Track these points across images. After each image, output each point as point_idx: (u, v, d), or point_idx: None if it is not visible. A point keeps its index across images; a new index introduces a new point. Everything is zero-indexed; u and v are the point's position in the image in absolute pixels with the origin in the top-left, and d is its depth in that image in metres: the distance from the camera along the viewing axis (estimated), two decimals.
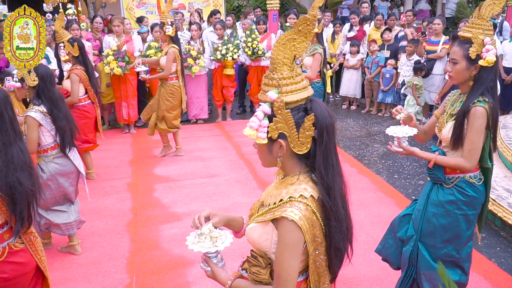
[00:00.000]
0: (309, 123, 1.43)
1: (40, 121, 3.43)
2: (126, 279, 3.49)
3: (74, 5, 8.81)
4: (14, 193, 1.99)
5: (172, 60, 5.65)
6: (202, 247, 1.58)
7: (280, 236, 1.46)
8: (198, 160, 6.07)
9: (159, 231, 4.21)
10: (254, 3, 12.77)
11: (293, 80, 1.43)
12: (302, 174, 1.51)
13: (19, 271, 2.08)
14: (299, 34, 1.41)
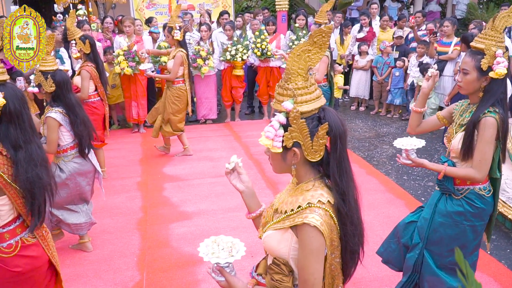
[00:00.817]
0: (323, 132, 1.46)
1: (60, 121, 3.47)
2: (136, 276, 3.53)
3: (85, 6, 8.91)
4: (33, 188, 2.03)
5: (179, 64, 5.71)
6: (218, 258, 1.57)
7: (303, 242, 1.48)
8: (207, 160, 6.10)
9: (169, 230, 4.24)
10: (262, 4, 12.81)
11: (307, 90, 1.47)
12: (317, 180, 1.55)
13: (32, 265, 2.11)
14: (314, 45, 1.44)
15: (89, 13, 8.89)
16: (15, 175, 1.99)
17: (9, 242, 2.05)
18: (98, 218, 4.43)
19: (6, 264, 2.03)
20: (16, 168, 1.99)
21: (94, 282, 3.46)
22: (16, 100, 2.02)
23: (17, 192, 2.01)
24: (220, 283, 1.62)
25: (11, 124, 2.00)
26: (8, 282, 2.05)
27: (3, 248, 2.03)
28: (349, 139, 7.00)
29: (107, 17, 8.18)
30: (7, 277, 2.04)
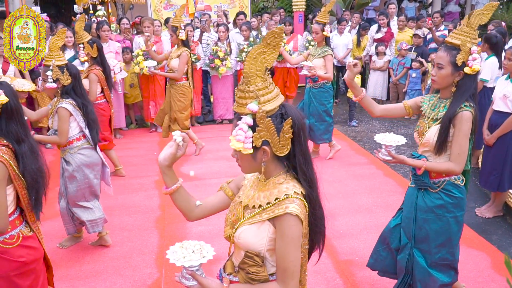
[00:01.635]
0: (288, 126, 1.54)
1: (71, 111, 3.55)
2: (155, 274, 3.57)
3: (104, 7, 9.02)
4: (38, 179, 2.14)
5: (185, 63, 5.79)
6: (191, 260, 1.57)
7: (283, 231, 1.54)
8: (223, 159, 6.13)
9: (187, 228, 4.28)
10: (279, 4, 12.81)
11: (268, 90, 1.53)
12: (286, 173, 1.63)
13: (33, 255, 2.19)
14: (268, 47, 1.51)
15: (109, 14, 9.01)
16: (23, 168, 2.08)
17: (11, 233, 2.12)
18: (117, 215, 4.51)
19: (11, 255, 2.09)
20: (23, 161, 2.09)
21: (114, 278, 3.51)
22: (14, 97, 2.12)
23: (22, 183, 2.10)
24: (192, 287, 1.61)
25: (12, 120, 2.10)
26: (14, 275, 2.11)
27: (6, 240, 2.10)
28: (366, 140, 6.97)
29: (123, 18, 8.26)
30: (12, 269, 2.10)
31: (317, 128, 5.82)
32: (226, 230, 1.73)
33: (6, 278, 2.08)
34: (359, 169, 5.74)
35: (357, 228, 4.22)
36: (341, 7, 12.22)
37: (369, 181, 5.36)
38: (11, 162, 2.04)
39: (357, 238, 4.06)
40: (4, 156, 2.01)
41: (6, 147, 2.06)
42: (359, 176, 5.50)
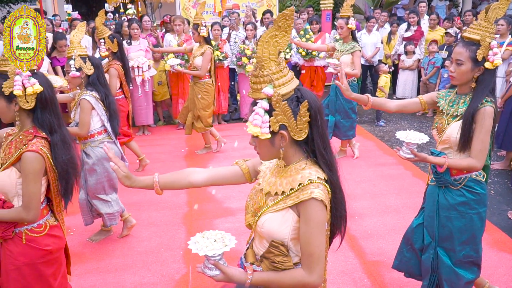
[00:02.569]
0: (304, 109, 1.52)
1: (93, 105, 3.61)
2: (182, 269, 3.61)
3: (134, 6, 9.16)
4: (68, 169, 2.17)
5: (209, 61, 5.83)
6: (214, 249, 1.55)
7: (308, 216, 1.54)
8: (250, 157, 6.09)
9: (214, 225, 4.31)
10: (307, 3, 12.75)
11: (282, 74, 1.52)
12: (307, 159, 1.62)
13: (58, 244, 2.24)
14: (280, 30, 1.49)
15: (138, 12, 9.15)
16: (55, 158, 2.12)
17: (39, 223, 2.18)
18: (145, 211, 4.58)
19: (38, 243, 2.15)
20: (54, 151, 2.12)
21: (143, 272, 3.57)
22: (48, 87, 2.16)
23: (55, 174, 2.15)
24: (215, 277, 1.60)
25: (46, 110, 2.13)
26: (39, 263, 2.16)
27: (34, 228, 2.16)
28: (394, 140, 6.87)
29: (144, 16, 8.35)
30: (38, 256, 2.15)
31: (342, 125, 5.78)
32: (247, 218, 1.72)
33: (32, 265, 2.14)
34: (387, 170, 5.67)
35: (385, 229, 4.17)
36: (370, 5, 12.07)
37: (398, 181, 5.29)
38: (48, 155, 2.08)
39: (385, 239, 4.01)
40: (43, 149, 2.06)
41: (45, 139, 2.11)
42: (387, 177, 5.43)
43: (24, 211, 2.07)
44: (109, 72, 4.97)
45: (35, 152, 2.03)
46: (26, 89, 2.04)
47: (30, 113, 2.12)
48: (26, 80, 2.06)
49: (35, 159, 2.04)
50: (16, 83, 2.05)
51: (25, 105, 2.07)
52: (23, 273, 2.14)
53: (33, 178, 2.05)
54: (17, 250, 2.13)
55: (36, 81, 2.08)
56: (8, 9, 12.69)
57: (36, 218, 2.11)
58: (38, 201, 2.09)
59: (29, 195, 2.05)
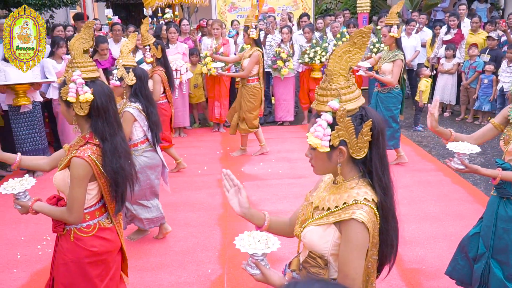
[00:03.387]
0: (367, 128, 1.51)
1: (136, 117, 3.70)
2: (218, 270, 3.64)
3: (172, 10, 9.33)
4: (117, 177, 2.20)
5: (255, 62, 5.84)
6: (255, 249, 1.59)
7: (348, 237, 1.52)
8: (284, 160, 6.14)
9: (249, 227, 4.28)
10: (343, 6, 12.65)
11: (350, 90, 1.52)
12: (359, 179, 1.59)
13: (106, 247, 2.26)
14: (354, 46, 1.50)
15: (175, 16, 9.31)
16: (104, 165, 2.16)
17: (88, 223, 2.22)
18: (181, 211, 4.64)
19: (84, 243, 2.19)
20: (103, 159, 2.16)
21: (179, 272, 3.61)
22: (103, 96, 2.17)
23: (106, 180, 2.19)
24: (255, 276, 1.63)
25: (99, 118, 2.16)
26: (83, 264, 2.21)
27: (82, 228, 2.20)
28: (433, 146, 6.72)
29: (182, 19, 8.48)
30: (83, 256, 2.20)
31: None
32: (296, 229, 1.74)
33: (78, 263, 2.20)
34: (426, 176, 5.54)
35: (423, 236, 4.08)
36: (408, 8, 11.87)
37: (436, 188, 5.16)
38: (97, 162, 2.12)
39: (424, 246, 3.92)
40: (91, 156, 2.10)
41: (97, 146, 2.15)
42: (426, 183, 5.30)
43: (67, 212, 2.13)
44: (153, 78, 5.08)
45: (81, 159, 2.09)
46: (79, 97, 2.09)
47: (88, 119, 2.17)
48: (80, 88, 2.08)
49: (81, 165, 2.09)
50: (70, 90, 2.08)
51: (79, 112, 2.12)
52: (70, 269, 2.21)
53: (77, 183, 2.10)
54: (66, 246, 2.20)
55: (88, 90, 2.10)
56: (50, 13, 13.13)
57: (77, 221, 2.16)
58: (80, 205, 2.13)
59: (72, 198, 2.11)
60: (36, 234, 4.24)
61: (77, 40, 2.16)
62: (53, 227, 2.21)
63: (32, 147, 5.61)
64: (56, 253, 2.28)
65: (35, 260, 3.82)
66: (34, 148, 5.63)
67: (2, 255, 3.91)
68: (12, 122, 5.55)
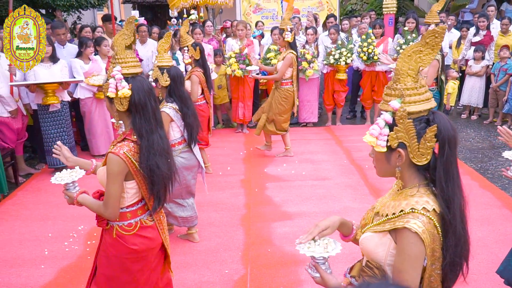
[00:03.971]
0: (431, 134, 1.43)
1: (172, 117, 3.71)
2: (241, 270, 3.64)
3: (197, 11, 9.40)
4: (152, 175, 2.18)
5: (288, 65, 5.82)
6: (314, 252, 1.59)
7: (401, 246, 1.46)
8: (308, 162, 6.11)
9: (271, 228, 4.32)
10: (368, 7, 12.53)
11: (416, 91, 1.46)
12: (422, 187, 1.51)
13: (147, 245, 2.28)
14: (426, 46, 1.44)
15: (200, 18, 9.38)
16: (139, 162, 2.15)
17: (129, 221, 2.23)
18: (205, 211, 4.66)
19: (125, 240, 2.22)
20: (140, 155, 2.15)
21: (202, 271, 3.63)
22: (141, 92, 2.15)
23: (143, 178, 2.18)
24: (315, 279, 1.63)
25: (137, 114, 2.15)
26: (124, 259, 2.25)
27: (124, 226, 2.23)
28: (460, 149, 6.57)
29: (206, 21, 8.53)
30: (125, 253, 2.23)
31: None
32: (358, 233, 1.71)
33: (119, 258, 2.24)
34: None
35: None
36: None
37: None
38: (132, 159, 2.12)
39: None
40: (126, 153, 2.11)
41: (134, 143, 2.15)
42: None
43: (103, 207, 2.16)
44: (191, 79, 5.13)
45: (116, 155, 2.09)
46: (118, 92, 2.09)
47: (130, 114, 2.16)
48: (119, 83, 2.09)
49: (115, 161, 2.10)
50: (110, 86, 2.09)
51: (119, 107, 2.12)
52: (111, 262, 2.25)
53: (112, 179, 2.11)
54: (109, 241, 2.24)
55: (126, 85, 2.10)
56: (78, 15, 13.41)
57: (113, 216, 2.18)
58: (114, 201, 2.14)
59: (107, 194, 2.14)
60: (63, 231, 4.33)
61: (120, 36, 2.16)
62: (97, 221, 2.25)
63: None
64: (100, 244, 2.33)
65: (62, 257, 3.90)
66: None
67: (30, 251, 4.00)
68: (41, 120, 5.68)
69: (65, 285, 3.49)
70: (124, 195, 2.21)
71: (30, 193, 5.31)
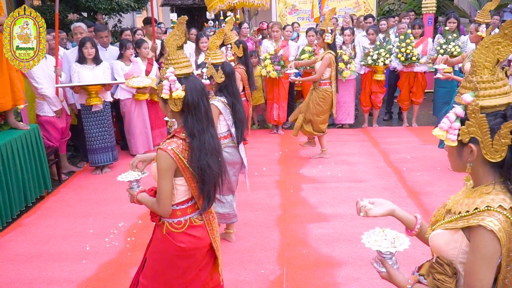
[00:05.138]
0: (506, 130, 1.37)
1: (221, 109, 3.75)
2: (277, 271, 3.65)
3: (233, 13, 9.49)
4: (203, 174, 2.21)
5: (326, 65, 5.79)
6: (380, 246, 1.58)
7: (475, 245, 1.41)
8: (344, 164, 6.06)
9: (307, 229, 4.31)
10: (406, 7, 12.30)
11: (493, 85, 1.40)
12: (498, 184, 1.45)
13: (194, 244, 2.30)
14: (505, 37, 1.37)
15: (236, 19, 9.47)
16: (190, 161, 2.19)
17: (179, 219, 2.27)
18: (241, 211, 4.70)
19: (174, 238, 2.26)
20: (190, 154, 2.19)
21: (238, 271, 3.67)
22: (194, 92, 2.18)
23: (192, 176, 2.21)
24: (381, 274, 1.62)
25: (189, 114, 2.19)
26: (172, 255, 2.29)
27: (174, 224, 2.26)
28: None
29: (243, 23, 8.59)
30: (172, 250, 2.27)
31: None
32: (428, 231, 1.67)
33: (168, 254, 2.29)
34: None
35: None
36: (476, 8, 11.34)
37: None
38: (180, 156, 2.16)
39: None
40: (174, 150, 2.15)
41: (183, 140, 2.20)
42: None
43: (156, 203, 2.22)
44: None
45: (164, 151, 2.14)
46: (172, 93, 2.14)
47: (182, 114, 2.21)
48: (172, 85, 2.13)
49: (163, 157, 2.14)
50: (164, 87, 2.14)
51: (173, 108, 2.17)
52: (160, 257, 2.31)
53: (161, 175, 2.16)
54: (159, 237, 2.30)
55: (180, 87, 2.14)
56: (118, 18, 13.78)
57: (165, 212, 2.22)
58: (166, 197, 2.18)
59: (159, 190, 2.19)
60: (104, 227, 4.46)
61: (171, 37, 2.19)
62: (151, 216, 2.33)
63: (101, 145, 5.91)
64: (152, 239, 2.40)
65: (103, 253, 4.02)
66: (103, 146, 5.93)
67: (72, 247, 4.15)
68: (84, 120, 5.88)
69: (106, 280, 3.60)
70: (174, 192, 2.24)
71: (72, 190, 5.50)
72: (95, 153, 5.91)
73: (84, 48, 5.66)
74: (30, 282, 3.60)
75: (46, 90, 5.56)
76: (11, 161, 4.67)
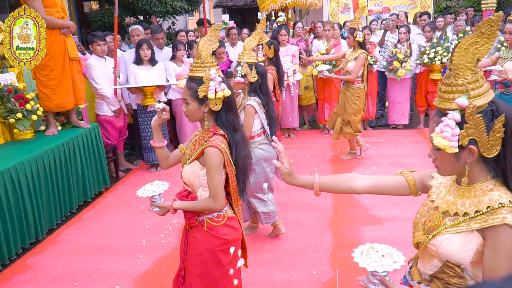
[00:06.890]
0: (500, 124, 1.40)
1: (256, 109, 3.81)
2: (329, 272, 3.61)
3: (285, 13, 9.48)
4: (246, 165, 2.34)
5: (361, 65, 5.76)
6: (383, 266, 1.48)
7: (497, 244, 1.40)
8: (398, 165, 5.89)
9: (360, 232, 4.23)
10: (465, 3, 11.80)
11: (478, 84, 1.42)
12: (495, 179, 1.48)
13: (235, 235, 2.38)
14: (482, 36, 1.39)
15: (288, 19, 9.45)
16: (236, 154, 2.29)
17: (218, 213, 2.34)
18: (292, 211, 4.69)
19: (217, 232, 2.32)
20: (236, 148, 2.30)
21: (290, 271, 3.65)
22: (231, 90, 2.33)
23: (233, 169, 2.32)
24: None
25: (230, 111, 2.32)
26: (217, 250, 2.33)
27: (214, 218, 2.33)
28: None
29: (297, 22, 8.55)
30: (217, 244, 2.32)
31: None
32: (417, 236, 1.63)
33: (212, 252, 2.33)
34: None
35: None
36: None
37: None
38: (226, 151, 2.27)
39: None
40: (221, 144, 2.25)
41: (223, 136, 2.30)
42: None
43: (211, 200, 2.28)
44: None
45: (214, 147, 2.23)
46: (217, 93, 2.23)
47: (214, 114, 2.31)
48: (218, 85, 2.23)
49: (215, 153, 2.23)
50: (210, 88, 2.23)
51: (214, 107, 2.26)
52: (205, 258, 2.35)
53: (215, 170, 2.24)
54: (200, 237, 2.34)
55: (225, 86, 2.25)
56: (172, 20, 14.13)
57: (222, 206, 2.30)
58: (222, 191, 2.28)
59: (214, 186, 2.25)
60: (159, 223, 4.59)
61: (205, 42, 2.30)
62: (186, 220, 2.36)
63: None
64: (187, 246, 2.41)
65: (158, 248, 4.13)
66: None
67: (129, 241, 4.29)
68: (140, 120, 6.08)
69: (161, 274, 3.69)
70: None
71: (129, 187, 5.70)
72: (150, 151, 6.09)
73: (141, 49, 5.85)
74: (89, 274, 3.76)
75: (105, 91, 5.79)
76: (72, 158, 4.91)
